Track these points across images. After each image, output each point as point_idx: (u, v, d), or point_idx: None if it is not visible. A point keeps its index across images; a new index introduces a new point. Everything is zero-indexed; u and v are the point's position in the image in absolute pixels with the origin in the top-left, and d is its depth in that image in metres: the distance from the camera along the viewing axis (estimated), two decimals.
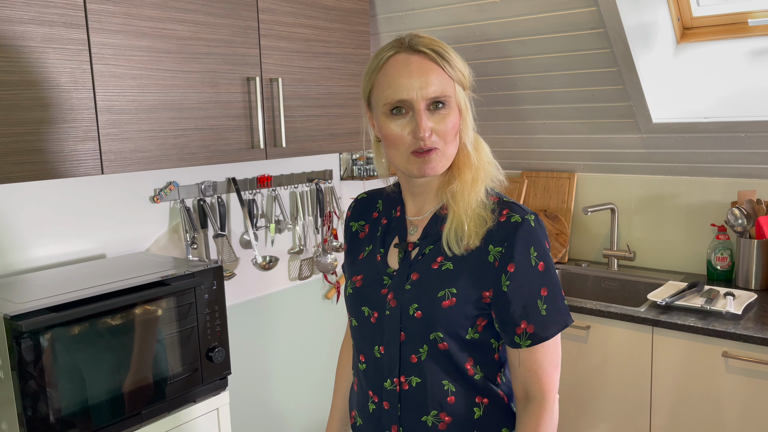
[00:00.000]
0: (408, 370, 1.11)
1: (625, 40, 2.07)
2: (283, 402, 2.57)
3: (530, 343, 1.05)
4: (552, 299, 1.06)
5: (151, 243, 2.04)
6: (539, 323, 1.05)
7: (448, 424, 1.11)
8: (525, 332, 1.05)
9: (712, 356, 1.97)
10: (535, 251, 1.05)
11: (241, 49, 1.88)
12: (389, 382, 1.13)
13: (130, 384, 1.53)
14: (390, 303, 1.11)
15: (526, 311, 1.05)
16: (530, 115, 2.60)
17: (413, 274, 1.10)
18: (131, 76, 1.62)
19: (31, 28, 1.42)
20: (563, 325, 1.08)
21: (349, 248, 1.25)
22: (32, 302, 1.39)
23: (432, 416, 1.11)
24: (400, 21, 2.50)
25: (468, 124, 1.09)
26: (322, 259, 2.59)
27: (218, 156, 1.86)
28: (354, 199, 1.31)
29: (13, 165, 1.43)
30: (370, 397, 1.17)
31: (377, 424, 1.16)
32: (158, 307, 1.58)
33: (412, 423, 1.12)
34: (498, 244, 1.05)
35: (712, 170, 2.42)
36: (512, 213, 1.07)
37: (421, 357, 1.09)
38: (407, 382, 1.11)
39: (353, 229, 1.25)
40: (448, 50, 1.06)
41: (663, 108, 2.33)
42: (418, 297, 1.08)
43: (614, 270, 2.61)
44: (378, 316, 1.13)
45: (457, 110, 1.06)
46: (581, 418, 2.28)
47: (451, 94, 1.05)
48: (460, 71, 1.06)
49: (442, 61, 1.04)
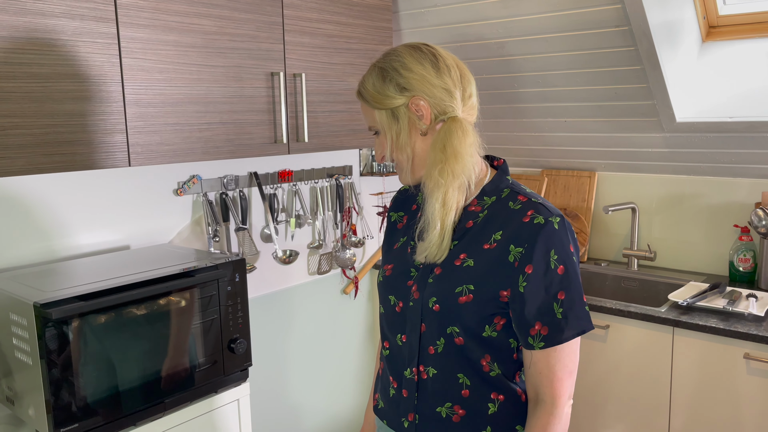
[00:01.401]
0: (426, 360, 1.14)
1: (650, 37, 2.05)
2: (300, 395, 2.59)
3: (543, 345, 1.06)
4: (570, 303, 1.06)
5: (174, 235, 2.06)
6: (554, 326, 1.05)
7: (461, 417, 1.13)
8: (539, 333, 1.06)
9: (733, 358, 1.96)
10: (555, 254, 1.05)
11: (266, 44, 1.90)
12: (409, 370, 1.17)
13: (154, 373, 1.56)
14: (414, 294, 1.15)
15: (541, 312, 1.05)
16: (552, 113, 2.58)
17: (436, 269, 1.13)
18: (159, 70, 1.64)
19: (63, 22, 1.45)
20: (580, 331, 1.07)
21: (386, 237, 1.31)
22: (61, 291, 1.42)
23: (446, 408, 1.13)
24: (422, 17, 2.50)
25: (394, 139, 1.14)
26: (341, 255, 2.61)
27: (242, 150, 1.87)
28: (398, 191, 1.36)
29: (43, 156, 1.45)
30: (391, 383, 1.22)
31: (397, 410, 1.21)
32: (182, 298, 1.60)
33: (428, 413, 1.15)
34: (519, 245, 1.06)
35: (736, 170, 2.40)
36: (536, 214, 1.07)
37: (438, 349, 1.13)
38: (425, 372, 1.15)
39: (392, 219, 1.31)
40: (365, 83, 1.16)
41: (687, 107, 2.31)
42: (437, 291, 1.11)
43: (634, 270, 2.60)
44: (402, 306, 1.17)
45: (386, 133, 1.15)
46: (598, 418, 2.28)
47: (374, 122, 1.16)
48: (372, 99, 1.14)
49: (362, 99, 1.17)
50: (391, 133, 1.13)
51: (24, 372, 1.43)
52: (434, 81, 1.10)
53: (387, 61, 1.14)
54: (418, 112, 1.11)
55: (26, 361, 1.41)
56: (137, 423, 1.54)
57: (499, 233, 1.09)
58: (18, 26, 1.38)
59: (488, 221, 1.11)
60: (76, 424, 1.42)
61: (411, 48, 1.14)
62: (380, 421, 1.28)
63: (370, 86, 1.14)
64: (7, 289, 1.45)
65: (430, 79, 1.10)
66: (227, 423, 1.76)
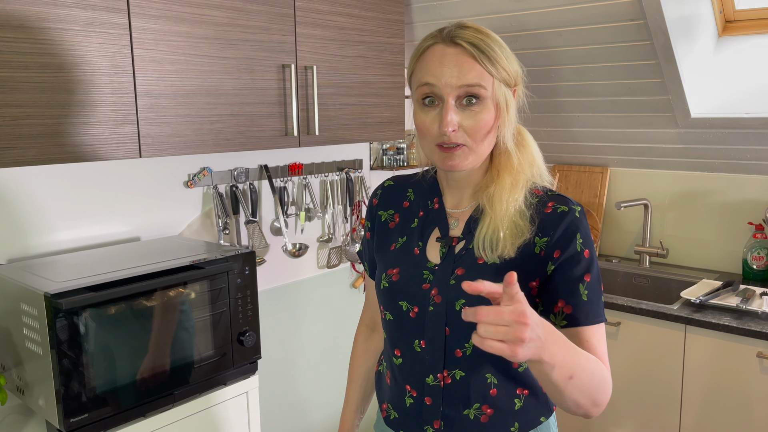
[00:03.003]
0: (452, 364, 1.09)
1: (665, 32, 2.03)
2: (308, 388, 2.59)
3: (566, 324, 1.03)
4: (595, 288, 1.05)
5: (185, 227, 2.06)
6: (579, 307, 1.03)
7: (489, 417, 1.10)
8: (561, 311, 1.04)
9: (746, 356, 1.93)
10: (581, 238, 1.04)
11: (277, 36, 1.89)
12: (432, 377, 1.11)
13: (164, 364, 1.56)
14: (434, 299, 1.09)
15: (567, 291, 1.03)
16: (565, 108, 2.56)
17: (458, 269, 1.08)
18: (170, 61, 1.64)
19: (75, 12, 1.44)
20: (600, 320, 1.05)
21: (376, 237, 1.22)
22: (71, 281, 1.42)
23: (474, 409, 1.10)
24: (435, 10, 2.48)
25: (507, 123, 1.05)
26: (351, 248, 2.60)
27: (252, 142, 1.87)
28: (380, 186, 1.26)
29: (54, 146, 1.45)
30: (408, 392, 1.15)
31: (418, 419, 1.14)
32: (192, 290, 1.60)
33: (455, 416, 1.11)
34: (545, 235, 1.05)
35: (751, 167, 2.37)
36: (558, 204, 1.06)
37: (466, 352, 1.08)
38: (451, 377, 1.10)
39: (382, 219, 1.22)
40: (492, 44, 1.01)
41: (702, 102, 2.28)
42: (464, 292, 1.05)
43: (646, 267, 2.57)
44: (419, 311, 1.11)
45: (493, 108, 1.02)
46: (608, 415, 2.26)
47: (487, 89, 1.00)
48: (503, 68, 1.01)
49: (481, 56, 0.99)
50: (502, 111, 1.03)
51: (34, 362, 1.43)
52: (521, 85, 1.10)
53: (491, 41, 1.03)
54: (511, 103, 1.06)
55: (37, 351, 1.41)
56: (146, 414, 1.54)
57: None
58: (30, 16, 1.38)
59: None
60: (86, 414, 1.42)
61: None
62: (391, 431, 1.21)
63: (498, 49, 1.02)
64: (18, 280, 1.46)
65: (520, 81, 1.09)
66: (236, 415, 1.76)
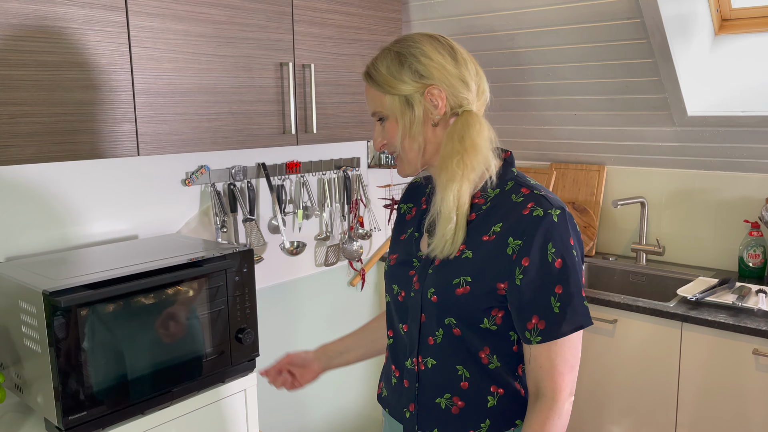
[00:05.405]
0: (425, 351, 1.15)
1: (662, 30, 2.03)
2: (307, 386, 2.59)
3: (540, 340, 1.05)
4: (567, 298, 1.04)
5: (182, 225, 2.06)
6: (551, 320, 1.04)
7: (460, 409, 1.13)
8: (536, 327, 1.05)
9: (742, 354, 1.94)
10: (553, 247, 1.04)
11: (275, 35, 1.89)
12: (410, 361, 1.18)
13: (162, 362, 1.56)
14: (414, 285, 1.16)
15: (538, 306, 1.04)
16: (561, 106, 2.57)
17: (437, 260, 1.13)
18: (168, 59, 1.64)
19: (73, 10, 1.44)
20: (578, 326, 1.05)
21: (395, 228, 1.31)
22: (70, 279, 1.42)
23: (445, 399, 1.14)
24: (431, 9, 2.48)
25: (407, 128, 1.11)
26: (348, 246, 2.61)
27: (250, 141, 1.87)
28: (409, 183, 1.35)
29: (53, 145, 1.45)
30: (393, 371, 1.23)
31: (399, 399, 1.22)
32: (189, 287, 1.60)
33: (428, 403, 1.16)
34: (518, 237, 1.05)
35: (746, 165, 2.38)
36: (536, 207, 1.06)
37: (437, 340, 1.13)
38: (424, 363, 1.15)
39: (402, 211, 1.31)
40: (379, 67, 1.11)
41: (699, 101, 2.29)
42: (436, 282, 1.11)
43: (642, 264, 2.58)
44: (405, 296, 1.18)
45: (393, 120, 1.12)
46: (604, 413, 2.27)
47: (383, 107, 1.12)
48: (386, 83, 1.10)
49: (372, 82, 1.12)
50: (404, 120, 1.11)
51: (33, 360, 1.44)
52: (453, 71, 1.09)
53: (404, 46, 1.11)
54: (433, 102, 1.09)
55: (35, 348, 1.41)
56: (145, 412, 1.55)
57: (499, 225, 1.08)
58: (28, 14, 1.38)
59: (490, 213, 1.11)
60: (84, 412, 1.42)
61: (429, 37, 1.12)
62: (383, 409, 1.29)
63: (384, 70, 1.10)
64: (16, 277, 1.46)
65: (449, 69, 1.09)
66: (234, 413, 1.77)
